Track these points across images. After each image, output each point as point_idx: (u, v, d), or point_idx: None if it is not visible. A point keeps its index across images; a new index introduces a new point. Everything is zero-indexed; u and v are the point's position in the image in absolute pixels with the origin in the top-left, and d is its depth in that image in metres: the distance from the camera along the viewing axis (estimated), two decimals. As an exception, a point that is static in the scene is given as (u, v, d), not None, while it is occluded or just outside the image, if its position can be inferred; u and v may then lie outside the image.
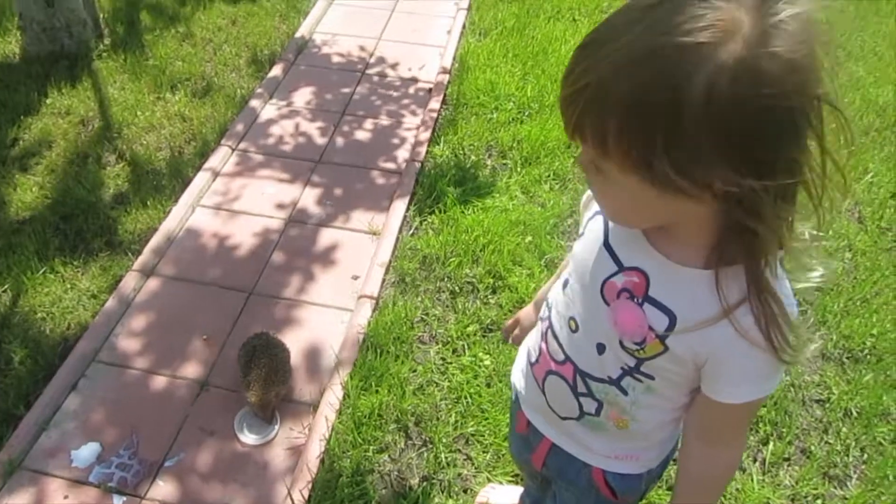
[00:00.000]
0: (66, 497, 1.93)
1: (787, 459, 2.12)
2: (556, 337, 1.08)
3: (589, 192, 1.05)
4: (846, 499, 2.02)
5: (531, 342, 1.20)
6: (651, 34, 0.67)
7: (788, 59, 0.66)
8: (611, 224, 0.96)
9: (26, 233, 2.68)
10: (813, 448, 2.14)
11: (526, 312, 1.41)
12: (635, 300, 0.91)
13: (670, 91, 0.66)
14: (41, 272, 2.53)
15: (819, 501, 2.01)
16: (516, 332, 1.43)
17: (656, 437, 1.09)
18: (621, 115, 0.70)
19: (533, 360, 1.17)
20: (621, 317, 0.93)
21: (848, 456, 2.13)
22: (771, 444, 2.13)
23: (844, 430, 2.19)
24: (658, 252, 0.89)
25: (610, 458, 1.14)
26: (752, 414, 1.00)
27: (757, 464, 2.09)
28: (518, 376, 1.26)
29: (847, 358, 2.42)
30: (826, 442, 2.17)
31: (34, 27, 3.67)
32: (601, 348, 0.99)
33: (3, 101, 3.37)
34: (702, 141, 0.68)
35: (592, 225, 1.01)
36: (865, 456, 2.13)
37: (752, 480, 2.03)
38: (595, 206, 1.01)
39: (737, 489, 2.01)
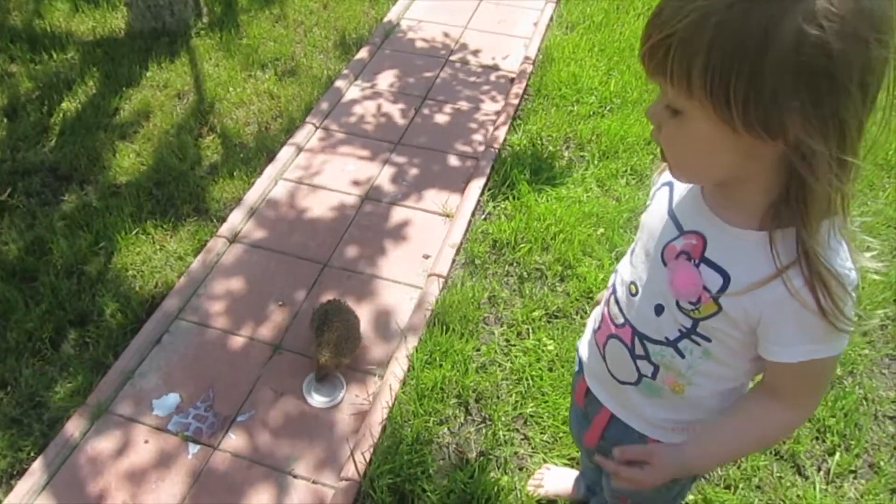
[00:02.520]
0: (146, 442, 2.06)
1: (854, 472, 2.06)
2: (617, 301, 1.12)
3: (660, 169, 1.09)
4: (914, 517, 1.96)
5: (596, 313, 1.24)
6: None
7: (872, 22, 0.71)
8: (675, 193, 1.01)
9: (123, 196, 2.84)
10: (882, 464, 2.07)
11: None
12: (692, 261, 0.95)
13: (759, 32, 0.71)
14: (134, 233, 2.68)
15: (884, 516, 1.96)
16: None
17: (713, 407, 1.10)
18: (709, 54, 0.74)
19: (595, 326, 1.21)
20: (678, 277, 0.97)
21: (920, 475, 2.06)
22: (837, 454, 2.08)
23: (918, 448, 2.12)
24: (716, 216, 0.93)
25: (666, 429, 1.15)
26: (818, 376, 0.97)
27: (821, 473, 2.04)
28: (583, 347, 1.30)
29: (927, 374, 2.34)
30: (897, 458, 2.10)
31: (139, 4, 3.87)
32: (659, 309, 1.02)
33: (107, 73, 3.58)
34: (783, 81, 0.72)
35: (659, 196, 1.05)
36: (939, 477, 2.06)
37: (815, 489, 1.99)
38: (662, 179, 1.06)
39: (798, 495, 1.97)
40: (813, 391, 0.99)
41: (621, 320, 1.11)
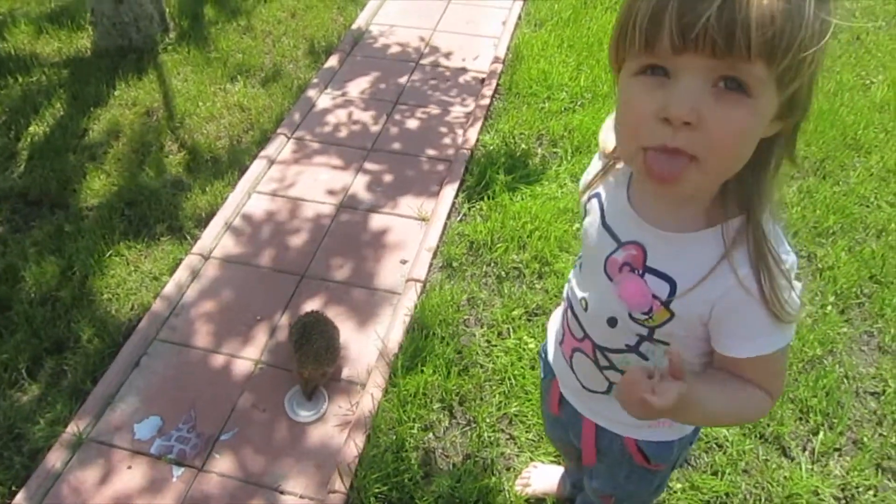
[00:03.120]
0: (129, 468, 2.03)
1: (838, 450, 2.08)
2: (574, 315, 1.11)
3: (587, 177, 1.08)
4: (900, 491, 1.97)
5: (557, 322, 1.23)
6: None
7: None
8: (605, 204, 1.00)
9: (94, 218, 2.81)
10: (865, 440, 2.09)
11: None
12: (636, 272, 0.94)
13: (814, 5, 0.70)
14: (107, 255, 2.65)
15: (871, 493, 1.97)
16: None
17: None
18: (806, 31, 0.71)
19: (560, 339, 1.20)
20: (626, 290, 0.96)
21: (903, 448, 2.08)
22: (821, 433, 2.09)
23: (900, 422, 2.14)
24: (650, 226, 0.92)
25: (643, 427, 1.15)
26: (773, 365, 0.93)
27: (806, 453, 2.06)
28: (551, 354, 1.29)
29: (906, 350, 2.36)
30: (880, 434, 2.11)
31: (104, 22, 3.84)
32: (613, 322, 1.01)
33: (75, 93, 3.54)
34: (819, 54, 0.73)
35: (591, 207, 1.04)
36: (922, 450, 2.08)
37: (801, 469, 2.00)
38: (591, 191, 1.04)
39: (785, 477, 1.98)
40: (775, 380, 0.97)
41: (581, 334, 1.10)
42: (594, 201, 1.03)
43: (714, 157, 0.76)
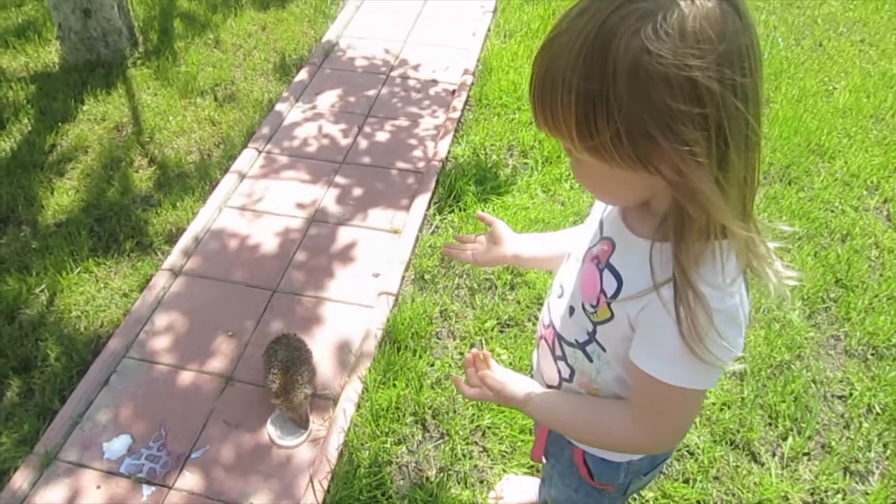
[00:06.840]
0: (98, 487, 2.01)
1: (807, 454, 2.10)
2: (548, 303, 1.15)
3: None
4: (867, 494, 2.00)
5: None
6: (584, 27, 0.73)
7: (693, 39, 0.70)
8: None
9: (62, 235, 2.78)
10: (833, 443, 2.12)
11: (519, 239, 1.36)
12: (598, 265, 0.98)
13: (599, 74, 0.72)
14: (76, 272, 2.63)
15: (839, 496, 2.00)
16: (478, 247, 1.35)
17: None
18: (566, 100, 0.75)
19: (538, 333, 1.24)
20: (583, 278, 1.01)
21: (870, 451, 2.11)
22: (790, 438, 2.12)
23: (867, 425, 2.17)
24: (624, 224, 0.96)
25: None
26: (664, 402, 0.93)
27: (776, 458, 2.08)
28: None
29: (871, 355, 2.39)
30: (847, 437, 2.14)
31: (72, 37, 3.80)
32: (571, 311, 1.05)
33: (42, 108, 3.50)
34: (633, 114, 0.72)
35: (598, 203, 1.08)
36: (888, 452, 2.11)
37: (771, 475, 2.02)
38: None
39: (755, 483, 2.00)
40: (657, 417, 0.97)
41: (547, 321, 1.14)
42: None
43: (592, 193, 0.93)
